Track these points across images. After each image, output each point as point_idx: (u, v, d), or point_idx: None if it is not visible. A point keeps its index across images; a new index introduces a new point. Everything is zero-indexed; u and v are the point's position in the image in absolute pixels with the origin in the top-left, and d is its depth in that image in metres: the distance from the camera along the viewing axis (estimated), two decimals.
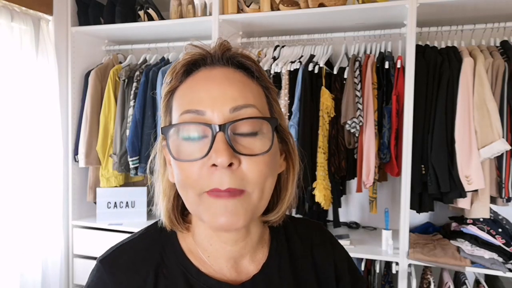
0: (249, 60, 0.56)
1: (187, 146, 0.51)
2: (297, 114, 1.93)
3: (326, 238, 0.69)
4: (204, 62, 0.55)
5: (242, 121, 0.50)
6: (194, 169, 0.50)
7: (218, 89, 0.51)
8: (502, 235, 1.74)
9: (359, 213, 2.30)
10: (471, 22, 1.87)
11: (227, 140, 0.48)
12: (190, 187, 0.51)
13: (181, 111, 0.52)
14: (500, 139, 1.68)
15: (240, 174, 0.49)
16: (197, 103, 0.51)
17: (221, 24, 2.03)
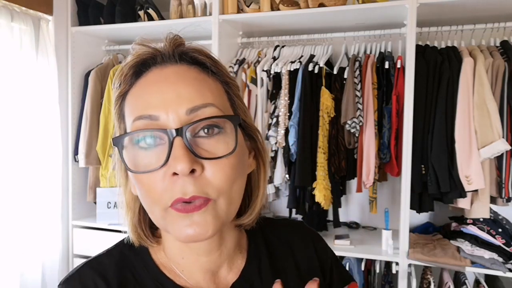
0: (203, 55, 0.51)
1: (143, 156, 0.46)
2: (297, 114, 1.93)
3: (307, 236, 0.65)
4: (154, 61, 0.50)
5: (201, 122, 0.45)
6: (155, 181, 0.45)
7: (172, 89, 0.47)
8: (502, 235, 1.74)
9: (359, 213, 2.30)
10: (471, 22, 1.87)
11: (186, 145, 0.44)
12: (154, 202, 0.46)
13: (133, 118, 0.47)
14: (500, 139, 1.68)
15: (204, 181, 0.45)
16: (149, 107, 0.46)
17: (221, 24, 2.03)
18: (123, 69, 0.50)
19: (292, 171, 1.97)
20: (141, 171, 0.46)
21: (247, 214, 0.56)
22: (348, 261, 1.90)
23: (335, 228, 2.09)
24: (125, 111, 0.50)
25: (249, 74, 2.04)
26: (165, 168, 0.44)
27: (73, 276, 0.53)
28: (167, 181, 0.45)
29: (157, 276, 0.54)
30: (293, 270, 0.61)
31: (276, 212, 2.42)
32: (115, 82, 0.51)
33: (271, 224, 0.65)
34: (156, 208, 0.47)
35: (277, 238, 0.63)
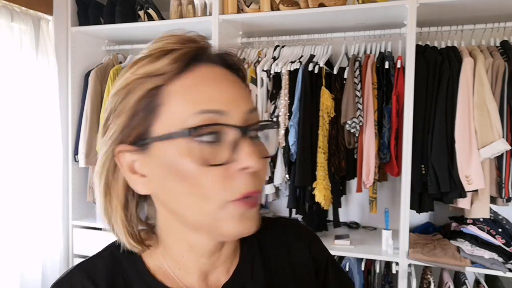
0: (240, 62, 0.53)
1: (205, 150, 0.45)
2: (297, 114, 1.93)
3: (303, 236, 0.65)
4: (205, 58, 0.49)
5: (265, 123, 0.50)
6: (216, 175, 0.45)
7: (233, 88, 0.48)
8: (502, 235, 1.74)
9: (359, 213, 2.30)
10: (471, 22, 1.87)
11: (252, 143, 0.46)
12: (208, 197, 0.45)
13: (196, 110, 0.45)
14: (500, 139, 1.68)
15: (260, 178, 0.48)
16: (215, 102, 0.45)
17: (221, 24, 2.03)
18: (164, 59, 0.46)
19: (292, 171, 1.97)
20: (212, 164, 0.44)
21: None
22: (348, 261, 1.90)
23: (335, 228, 2.09)
24: (166, 102, 0.46)
25: (249, 74, 2.04)
26: (234, 163, 0.45)
27: (64, 279, 0.53)
28: (231, 176, 0.45)
29: (148, 280, 0.53)
30: (286, 271, 0.60)
31: (276, 212, 2.42)
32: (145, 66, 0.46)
33: (266, 223, 0.63)
34: (210, 203, 0.45)
35: (272, 238, 0.63)
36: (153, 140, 0.46)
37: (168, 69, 0.46)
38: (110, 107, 0.49)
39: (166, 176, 0.47)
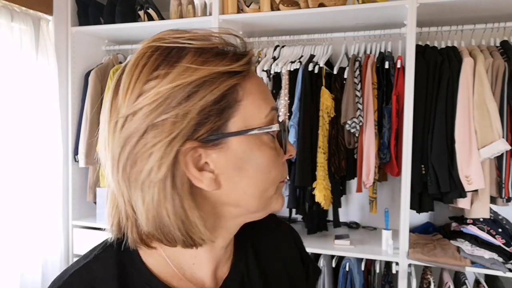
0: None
1: (275, 143, 0.52)
2: (297, 114, 1.93)
3: (286, 229, 0.71)
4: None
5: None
6: (281, 164, 0.52)
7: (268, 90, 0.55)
8: (502, 235, 1.74)
9: (359, 213, 2.30)
10: (471, 22, 1.87)
11: None
12: (274, 180, 0.52)
13: (269, 108, 0.50)
14: (500, 139, 1.68)
15: None
16: (273, 101, 0.53)
17: (221, 24, 2.03)
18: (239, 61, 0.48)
19: (292, 171, 1.97)
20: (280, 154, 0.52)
21: None
22: (348, 261, 1.90)
23: (335, 228, 2.09)
24: (245, 98, 0.48)
25: None
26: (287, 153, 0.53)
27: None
28: (282, 163, 0.52)
29: (150, 280, 0.52)
30: (277, 263, 0.64)
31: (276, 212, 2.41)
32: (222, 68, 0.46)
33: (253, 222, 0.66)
34: (272, 187, 0.52)
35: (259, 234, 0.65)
36: (230, 135, 0.47)
37: (245, 68, 0.48)
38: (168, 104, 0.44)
39: (240, 169, 0.48)
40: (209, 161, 0.47)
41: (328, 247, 1.92)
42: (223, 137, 0.46)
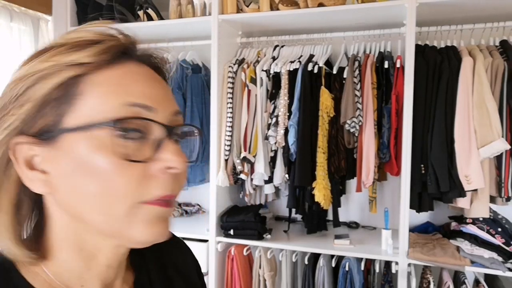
0: (167, 66, 0.51)
1: (127, 146, 0.41)
2: (296, 114, 1.94)
3: (181, 243, 0.67)
4: (132, 54, 0.47)
5: (187, 127, 0.48)
6: (134, 173, 0.41)
7: (162, 88, 0.46)
8: (502, 235, 1.75)
9: (359, 212, 2.30)
10: (471, 22, 1.87)
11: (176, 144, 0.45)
12: (121, 197, 0.41)
13: (123, 102, 0.42)
14: (500, 138, 1.68)
15: (179, 181, 0.45)
16: (144, 97, 0.43)
17: (220, 24, 2.03)
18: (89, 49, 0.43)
19: (292, 171, 1.97)
20: (132, 160, 0.41)
21: None
22: (348, 260, 1.90)
23: (334, 228, 2.09)
24: (88, 92, 0.42)
25: (249, 74, 2.04)
26: (156, 161, 0.42)
27: None
28: (150, 175, 0.42)
29: None
30: (179, 278, 0.61)
31: (276, 212, 2.42)
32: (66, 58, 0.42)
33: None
34: (119, 205, 0.41)
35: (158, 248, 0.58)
36: (64, 132, 0.41)
37: (93, 59, 0.43)
38: (8, 95, 0.43)
39: (75, 172, 0.41)
40: (41, 160, 0.43)
41: (328, 247, 1.92)
42: (57, 134, 0.42)
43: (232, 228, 1.99)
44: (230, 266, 2.05)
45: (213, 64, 2.04)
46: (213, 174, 2.04)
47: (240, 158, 2.01)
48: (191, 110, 2.21)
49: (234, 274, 2.04)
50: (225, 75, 2.07)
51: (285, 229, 2.12)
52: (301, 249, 1.96)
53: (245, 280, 2.05)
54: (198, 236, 2.08)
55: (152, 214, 0.43)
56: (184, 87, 2.24)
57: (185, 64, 2.23)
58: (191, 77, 2.24)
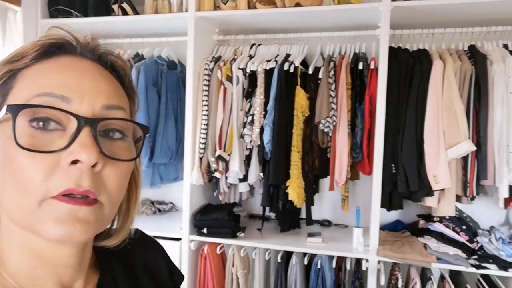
0: (122, 65, 0.51)
1: (37, 136, 0.41)
2: (272, 113, 1.94)
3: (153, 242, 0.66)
4: (72, 49, 0.47)
5: (116, 120, 0.45)
6: (40, 166, 0.40)
7: (90, 80, 0.45)
8: (466, 232, 1.82)
9: (332, 211, 2.34)
10: (442, 26, 1.93)
11: (95, 137, 0.42)
12: (28, 191, 0.40)
13: (37, 92, 0.42)
14: (466, 140, 1.74)
15: (100, 180, 0.43)
16: (62, 88, 0.42)
17: (197, 21, 2.01)
18: (28, 45, 0.45)
19: (267, 170, 1.98)
20: (37, 150, 0.40)
21: (113, 237, 0.53)
22: (320, 258, 1.93)
23: (307, 226, 2.12)
24: (17, 85, 0.44)
25: (225, 72, 2.03)
26: (66, 153, 0.40)
27: None
28: (58, 168, 0.40)
29: None
30: (147, 278, 0.60)
31: (250, 210, 2.43)
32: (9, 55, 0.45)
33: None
34: (28, 198, 0.40)
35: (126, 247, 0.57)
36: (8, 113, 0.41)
37: (28, 53, 0.44)
38: None
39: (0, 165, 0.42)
40: None
41: (301, 245, 1.94)
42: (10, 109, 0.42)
43: (206, 226, 1.99)
44: (203, 264, 2.04)
45: (189, 61, 2.02)
46: (187, 172, 2.03)
47: (215, 156, 2.00)
48: (166, 107, 2.18)
49: (207, 273, 2.03)
50: (201, 73, 2.05)
51: (259, 227, 2.14)
52: (274, 247, 1.98)
53: (218, 278, 2.05)
54: (171, 234, 2.06)
55: (60, 211, 0.40)
56: (160, 83, 2.21)
57: (160, 61, 2.20)
58: (167, 74, 2.22)
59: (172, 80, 2.23)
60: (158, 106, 2.18)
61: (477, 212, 2.02)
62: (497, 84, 1.73)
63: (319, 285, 1.92)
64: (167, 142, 2.18)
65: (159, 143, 2.15)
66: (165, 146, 2.17)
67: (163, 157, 2.17)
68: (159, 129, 2.16)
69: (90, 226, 0.42)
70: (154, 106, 2.17)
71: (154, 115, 2.17)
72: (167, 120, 2.19)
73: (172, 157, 2.22)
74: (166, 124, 2.18)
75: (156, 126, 2.17)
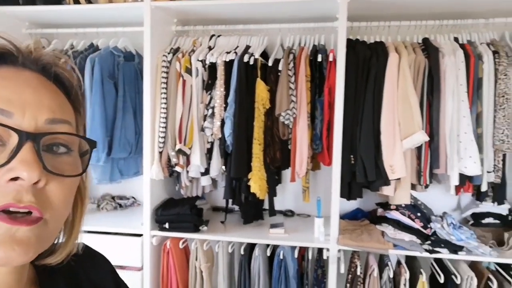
0: (68, 74, 0.48)
1: None
2: (232, 105, 1.93)
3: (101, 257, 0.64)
4: (12, 59, 0.44)
5: (59, 134, 0.43)
6: None
7: (33, 93, 0.43)
8: (421, 219, 1.89)
9: (294, 201, 2.37)
10: (397, 19, 1.97)
11: (37, 152, 0.40)
12: None
13: None
14: (420, 131, 1.80)
15: (43, 196, 0.41)
16: (2, 101, 0.40)
17: (153, 11, 1.95)
18: None
19: (228, 163, 1.97)
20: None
21: (56, 254, 0.51)
22: (282, 249, 1.96)
23: (270, 217, 2.14)
24: None
25: (184, 64, 1.99)
26: (4, 170, 0.39)
27: None
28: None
29: None
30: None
31: (214, 202, 2.42)
32: None
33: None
34: None
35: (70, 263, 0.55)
36: None
37: None
38: None
39: None
40: None
41: (263, 236, 1.96)
42: None
43: (167, 221, 1.96)
44: (166, 259, 2.02)
45: (145, 52, 1.96)
46: (146, 167, 1.98)
47: (175, 150, 1.97)
48: (124, 100, 2.11)
49: (170, 268, 2.02)
50: (158, 65, 2.00)
51: (223, 220, 2.13)
52: (236, 239, 1.98)
53: (181, 273, 2.03)
54: (133, 230, 2.02)
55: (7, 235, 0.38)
56: (116, 75, 2.13)
57: (116, 52, 2.12)
58: (124, 65, 2.14)
59: (129, 72, 2.16)
60: (115, 99, 2.11)
61: (431, 199, 2.11)
62: (448, 76, 1.80)
63: (281, 275, 1.95)
64: (125, 136, 2.12)
65: (118, 137, 2.09)
66: (123, 140, 2.11)
67: (122, 152, 2.11)
68: (117, 123, 2.10)
69: (30, 247, 0.40)
70: (111, 99, 2.10)
71: (112, 108, 2.10)
72: (125, 114, 2.12)
73: (131, 151, 2.16)
74: (124, 117, 2.12)
75: (114, 120, 2.10)
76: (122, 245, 2.01)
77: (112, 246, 2.01)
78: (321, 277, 2.04)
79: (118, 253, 2.00)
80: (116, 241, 2.02)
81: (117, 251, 2.00)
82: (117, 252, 2.00)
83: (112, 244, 2.01)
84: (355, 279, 1.87)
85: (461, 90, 1.80)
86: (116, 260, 2.01)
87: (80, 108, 0.50)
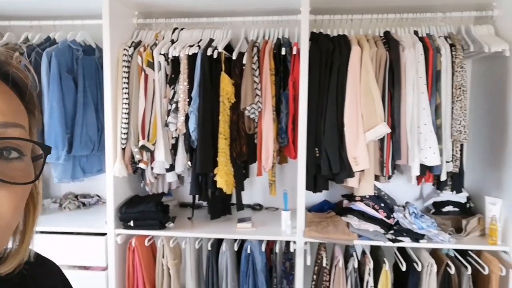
0: (21, 74, 0.46)
1: None
2: (196, 100, 1.90)
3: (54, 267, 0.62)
4: None
5: (11, 140, 0.41)
6: None
7: None
8: (384, 209, 1.94)
9: (263, 194, 2.37)
10: (360, 12, 1.99)
11: None
12: None
13: None
14: (382, 123, 1.83)
15: None
16: None
17: (112, 3, 1.88)
18: None
19: (194, 158, 1.95)
20: None
21: (6, 263, 0.48)
22: (250, 243, 1.96)
23: (238, 211, 2.13)
24: None
25: (146, 58, 1.94)
26: None
27: None
28: None
29: None
30: None
31: (181, 198, 2.39)
32: None
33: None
34: None
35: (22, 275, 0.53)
36: None
37: None
38: None
39: None
40: None
41: (231, 231, 1.95)
42: None
43: (132, 219, 1.92)
44: (131, 258, 1.98)
45: (105, 46, 1.90)
46: (109, 164, 1.93)
47: (138, 146, 1.92)
48: (84, 95, 2.04)
49: (136, 266, 1.98)
50: (119, 58, 1.94)
51: (189, 216, 2.11)
52: (203, 235, 1.97)
53: (148, 270, 2.00)
54: (96, 229, 1.97)
55: None
56: (76, 70, 2.05)
57: (74, 45, 2.04)
58: (83, 59, 2.07)
59: (89, 66, 2.09)
60: (75, 95, 2.04)
61: (394, 189, 2.16)
62: (409, 69, 1.83)
63: (249, 269, 1.96)
64: (87, 132, 2.06)
65: (78, 134, 2.02)
66: (85, 137, 2.05)
67: (84, 149, 2.05)
68: (78, 119, 2.03)
69: None
70: (71, 94, 2.02)
71: (71, 104, 2.02)
72: (86, 109, 2.05)
73: (94, 148, 2.10)
74: (85, 113, 2.05)
75: (74, 116, 2.03)
76: (85, 245, 1.95)
77: (75, 246, 1.95)
78: (289, 269, 2.05)
79: (82, 254, 1.94)
80: (79, 241, 1.96)
81: (81, 251, 1.94)
82: (80, 253, 1.94)
83: (75, 245, 1.95)
84: (321, 271, 1.90)
85: (421, 83, 1.84)
86: (80, 260, 1.97)
87: (34, 111, 0.47)
